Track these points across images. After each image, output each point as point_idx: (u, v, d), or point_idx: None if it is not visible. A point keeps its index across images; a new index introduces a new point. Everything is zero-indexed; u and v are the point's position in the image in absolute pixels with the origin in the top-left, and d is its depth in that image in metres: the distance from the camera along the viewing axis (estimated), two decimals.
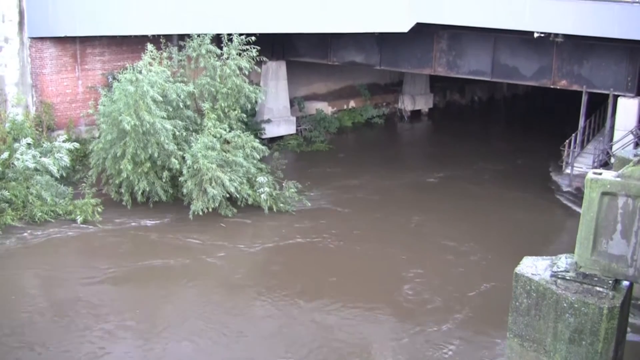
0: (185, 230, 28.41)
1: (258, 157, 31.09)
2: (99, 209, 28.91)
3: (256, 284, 24.62)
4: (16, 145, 29.48)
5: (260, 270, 26.33)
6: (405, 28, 33.02)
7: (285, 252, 27.37)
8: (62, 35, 33.84)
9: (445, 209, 31.85)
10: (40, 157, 29.03)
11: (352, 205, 31.99)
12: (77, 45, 34.71)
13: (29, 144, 29.38)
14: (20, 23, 33.38)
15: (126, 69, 30.56)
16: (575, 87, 35.10)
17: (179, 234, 28.15)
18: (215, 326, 21.57)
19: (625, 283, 15.61)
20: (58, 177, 29.42)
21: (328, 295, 23.55)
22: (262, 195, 29.91)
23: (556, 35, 32.28)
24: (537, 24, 31.43)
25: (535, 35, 31.92)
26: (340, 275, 25.19)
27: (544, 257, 16.81)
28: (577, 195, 32.16)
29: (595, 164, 33.66)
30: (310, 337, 21.10)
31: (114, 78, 33.09)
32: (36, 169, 28.89)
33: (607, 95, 34.54)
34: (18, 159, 28.57)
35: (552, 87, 35.80)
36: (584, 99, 34.78)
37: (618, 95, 33.73)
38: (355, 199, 32.71)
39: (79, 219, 28.31)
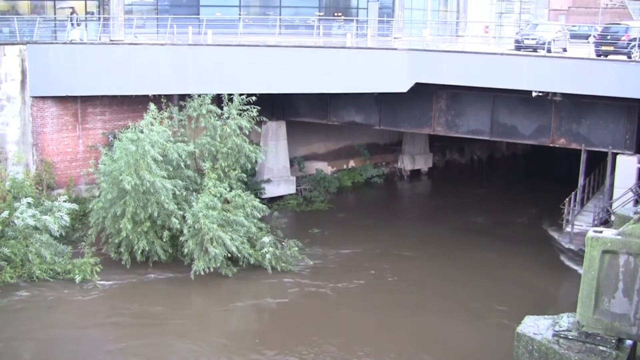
0: (186, 290, 28.26)
1: (259, 216, 31.08)
2: (98, 268, 28.73)
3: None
4: (16, 204, 29.46)
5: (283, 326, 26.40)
6: (404, 88, 33.36)
7: (295, 311, 27.51)
8: (64, 94, 34.12)
9: (450, 270, 31.71)
10: (40, 215, 29.00)
11: (350, 263, 31.94)
12: (78, 104, 34.96)
13: (29, 203, 29.38)
14: (23, 82, 33.68)
15: (127, 128, 30.78)
16: (574, 146, 35.25)
17: (179, 294, 27.96)
18: None
19: (629, 342, 15.46)
20: (58, 235, 29.35)
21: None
22: (267, 255, 29.79)
23: (554, 94, 32.63)
24: (536, 83, 31.74)
25: (534, 94, 32.20)
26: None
27: (546, 316, 16.69)
28: (578, 254, 32.00)
29: (596, 222, 33.57)
30: None
31: (114, 137, 33.25)
32: (36, 228, 28.82)
33: (606, 153, 34.66)
34: (18, 217, 28.53)
35: (551, 145, 35.94)
36: (583, 157, 34.87)
37: (617, 153, 33.84)
38: (353, 259, 32.59)
39: (78, 278, 28.13)
